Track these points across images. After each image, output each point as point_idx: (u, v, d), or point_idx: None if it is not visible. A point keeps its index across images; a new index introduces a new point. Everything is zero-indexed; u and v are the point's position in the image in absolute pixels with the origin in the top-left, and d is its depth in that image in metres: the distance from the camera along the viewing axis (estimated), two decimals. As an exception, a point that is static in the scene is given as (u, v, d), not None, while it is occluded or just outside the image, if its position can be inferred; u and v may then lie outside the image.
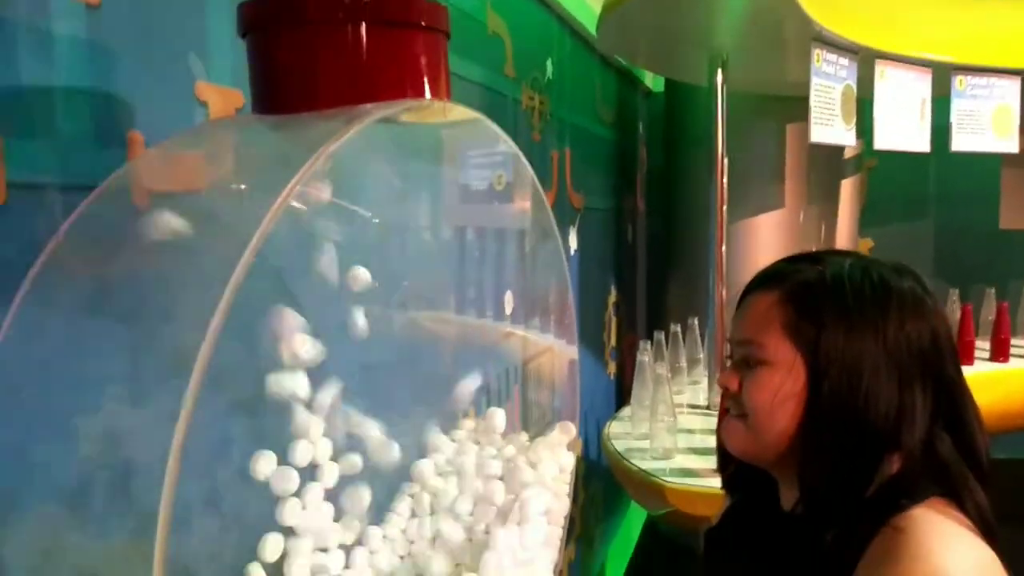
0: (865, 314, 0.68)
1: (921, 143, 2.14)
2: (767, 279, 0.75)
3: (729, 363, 0.77)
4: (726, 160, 1.98)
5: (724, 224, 1.93)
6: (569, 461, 1.12)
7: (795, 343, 0.70)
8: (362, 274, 0.80)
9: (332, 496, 0.88)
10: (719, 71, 1.87)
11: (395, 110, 0.61)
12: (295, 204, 0.75)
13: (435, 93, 0.70)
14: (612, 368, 2.92)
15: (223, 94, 0.87)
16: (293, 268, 0.78)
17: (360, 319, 0.86)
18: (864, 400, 0.67)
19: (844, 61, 1.89)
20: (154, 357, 0.54)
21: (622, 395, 2.92)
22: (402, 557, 1.00)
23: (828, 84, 1.84)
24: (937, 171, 3.30)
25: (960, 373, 0.71)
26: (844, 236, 2.83)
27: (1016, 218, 2.54)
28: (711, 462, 1.54)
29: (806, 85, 1.81)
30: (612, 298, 2.92)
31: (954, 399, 0.69)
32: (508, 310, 1.48)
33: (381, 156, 1.01)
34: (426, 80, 0.69)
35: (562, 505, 1.09)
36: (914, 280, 0.72)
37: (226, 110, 0.88)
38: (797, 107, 2.22)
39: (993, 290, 2.56)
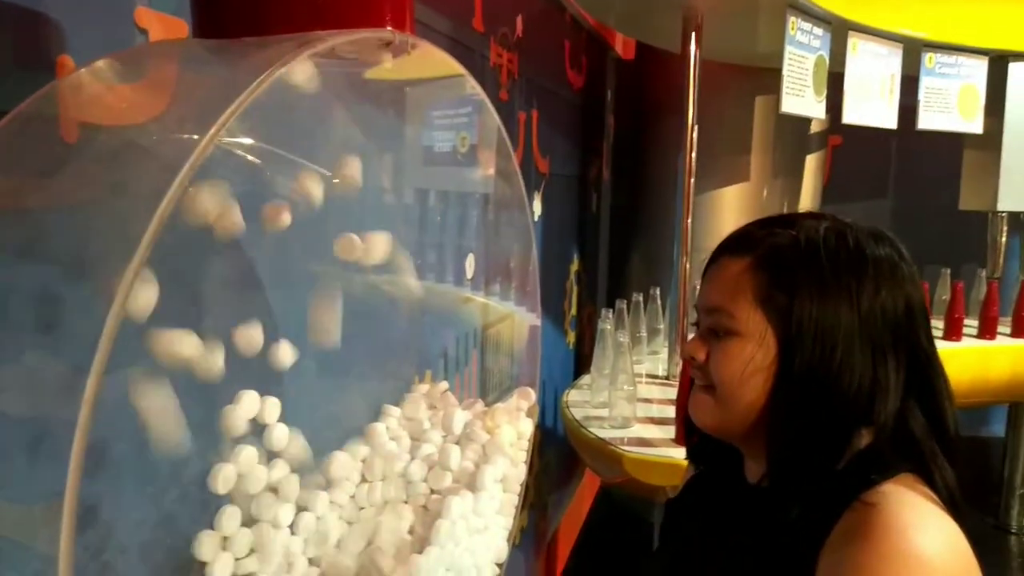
0: (840, 281, 0.65)
1: (889, 119, 2.13)
2: (738, 243, 0.71)
3: (695, 331, 0.73)
4: (696, 129, 1.94)
5: (691, 194, 1.90)
6: (527, 428, 1.09)
7: (766, 313, 0.66)
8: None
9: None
10: (692, 35, 1.83)
11: (352, 37, 0.55)
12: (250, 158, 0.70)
13: (398, 28, 0.65)
14: (571, 338, 2.91)
15: (165, 22, 0.80)
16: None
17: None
18: (837, 373, 0.64)
19: (818, 31, 1.86)
20: (67, 304, 0.49)
21: (580, 365, 2.91)
22: (350, 524, 0.96)
23: (801, 54, 1.81)
24: (899, 151, 3.34)
25: (932, 344, 0.68)
26: (804, 208, 2.84)
27: (974, 200, 2.57)
28: (669, 432, 1.54)
29: (779, 56, 1.78)
30: (574, 267, 2.89)
31: (926, 371, 0.67)
32: (469, 274, 1.44)
33: (343, 112, 0.95)
34: (389, 11, 0.63)
35: (518, 472, 1.06)
36: (890, 246, 0.68)
37: (168, 39, 0.81)
38: (767, 78, 2.20)
39: (948, 271, 2.60)
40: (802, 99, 1.85)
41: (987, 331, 2.41)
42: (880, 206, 3.48)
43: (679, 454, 1.37)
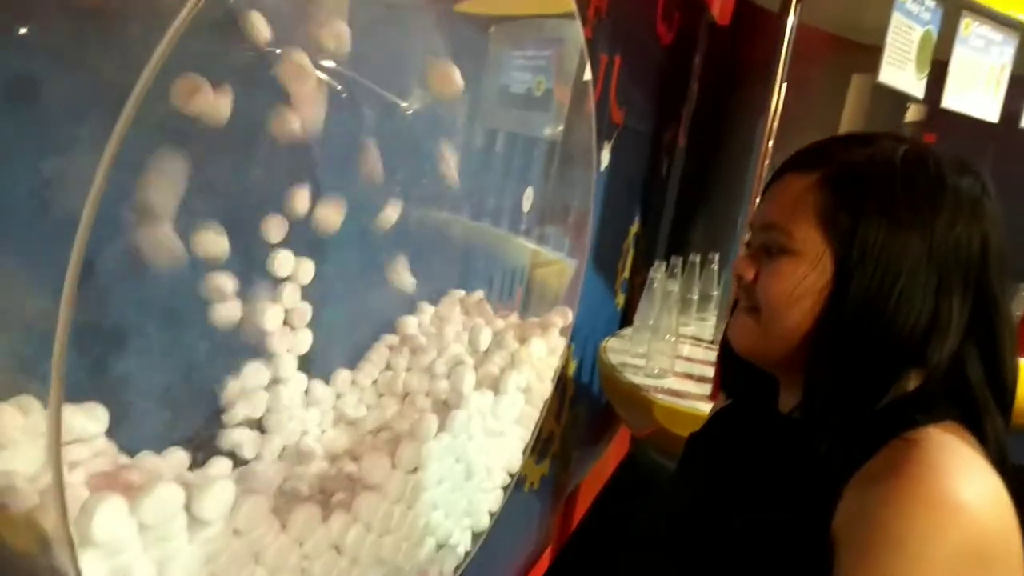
0: (913, 208, 0.60)
1: (991, 112, 2.00)
2: (807, 158, 0.66)
3: (747, 250, 0.69)
4: (782, 95, 1.86)
5: (766, 160, 1.82)
6: (560, 344, 1.07)
7: (827, 234, 0.62)
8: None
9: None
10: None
11: None
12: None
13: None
14: (620, 299, 2.86)
15: None
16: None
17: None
18: (895, 304, 0.59)
19: (930, 3, 1.74)
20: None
21: (626, 327, 2.86)
22: (368, 407, 0.96)
23: (909, 23, 1.71)
24: (996, 155, 3.14)
25: (1004, 290, 0.63)
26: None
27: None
28: (704, 389, 1.50)
29: (883, 31, 1.67)
30: (634, 228, 2.83)
31: (992, 317, 0.61)
32: (526, 207, 1.41)
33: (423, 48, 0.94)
34: None
35: (544, 387, 1.05)
36: (975, 178, 0.63)
37: None
38: (869, 56, 2.09)
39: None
40: (902, 72, 1.75)
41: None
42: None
43: (707, 407, 1.33)
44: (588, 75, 1.33)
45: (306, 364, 0.89)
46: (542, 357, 1.00)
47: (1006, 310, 0.62)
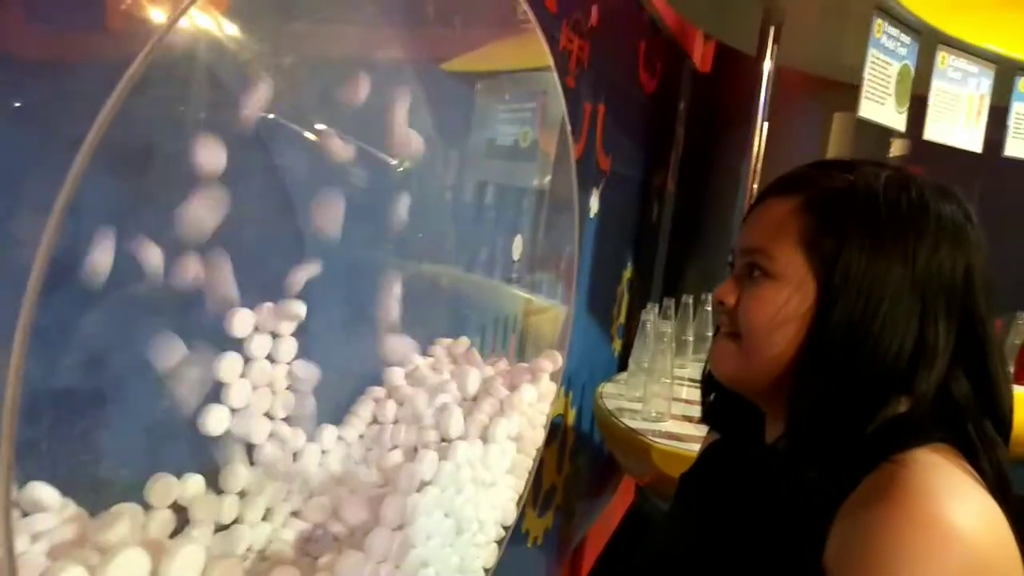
0: (896, 234, 0.59)
1: (973, 143, 2.02)
2: (789, 183, 0.66)
3: (728, 274, 0.68)
4: (763, 135, 1.87)
5: (752, 197, 1.82)
6: (551, 390, 1.05)
7: (810, 258, 0.61)
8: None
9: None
10: (771, 34, 1.77)
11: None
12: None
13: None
14: (617, 345, 2.84)
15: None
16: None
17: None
18: (879, 330, 0.58)
19: (906, 39, 1.77)
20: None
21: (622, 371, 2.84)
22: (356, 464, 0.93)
23: (886, 59, 1.73)
24: (983, 187, 3.17)
25: (991, 316, 0.61)
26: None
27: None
28: (702, 431, 1.47)
29: (860, 69, 1.69)
30: (627, 274, 2.83)
31: (980, 343, 0.60)
32: (516, 255, 1.41)
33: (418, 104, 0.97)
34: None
35: (536, 434, 1.02)
36: (957, 204, 0.62)
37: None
38: (849, 95, 2.12)
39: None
40: (882, 107, 1.76)
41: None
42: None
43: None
44: (567, 124, 1.35)
45: (291, 422, 0.87)
46: (533, 403, 0.98)
47: (994, 336, 0.61)
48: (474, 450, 0.86)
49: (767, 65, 1.82)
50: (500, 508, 0.94)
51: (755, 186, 1.92)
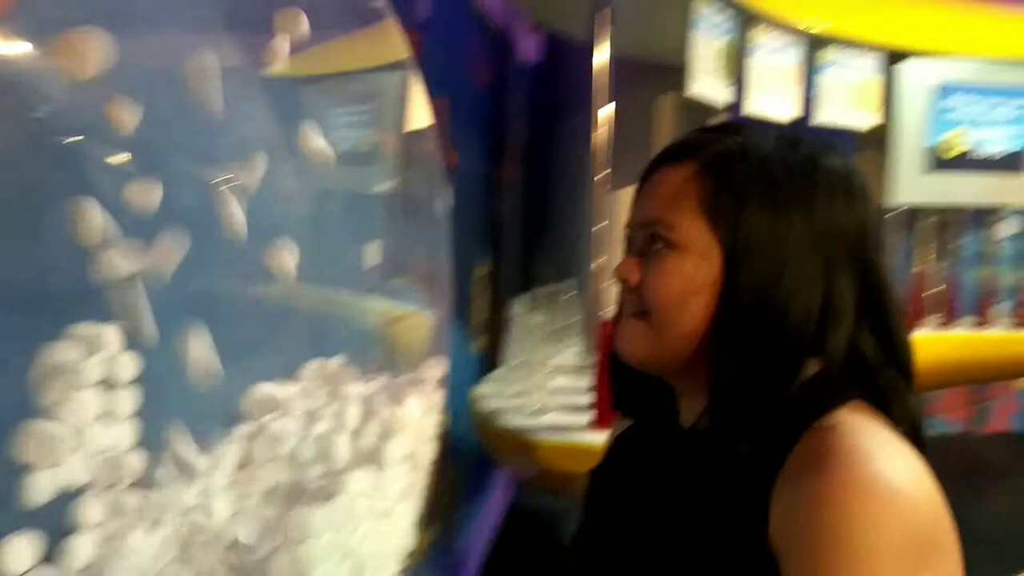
0: (794, 191, 0.58)
1: (792, 110, 2.16)
2: (679, 150, 0.63)
3: (630, 254, 0.64)
4: (600, 118, 1.88)
5: (601, 180, 1.84)
6: (437, 399, 0.98)
7: (712, 224, 0.59)
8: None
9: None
10: (601, 17, 1.78)
11: None
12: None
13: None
14: (478, 344, 2.80)
15: None
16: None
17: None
18: (789, 291, 0.57)
19: (724, 17, 1.86)
20: None
21: (488, 372, 2.81)
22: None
23: (709, 37, 1.80)
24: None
25: (885, 264, 0.62)
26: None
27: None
28: (586, 418, 1.46)
29: (682, 50, 1.75)
30: (480, 271, 2.80)
31: (880, 294, 0.60)
32: (371, 263, 1.33)
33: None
34: None
35: (428, 450, 0.95)
36: (843, 159, 0.63)
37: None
38: (672, 76, 2.21)
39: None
40: (709, 83, 1.84)
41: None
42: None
43: (597, 439, 1.29)
44: (421, 122, 1.30)
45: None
46: (421, 417, 0.91)
47: (893, 287, 0.61)
48: (366, 479, 0.78)
49: (601, 52, 1.84)
50: (400, 536, 0.86)
51: (598, 174, 1.92)
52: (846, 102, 2.32)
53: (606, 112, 1.79)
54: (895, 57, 2.44)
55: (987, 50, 2.50)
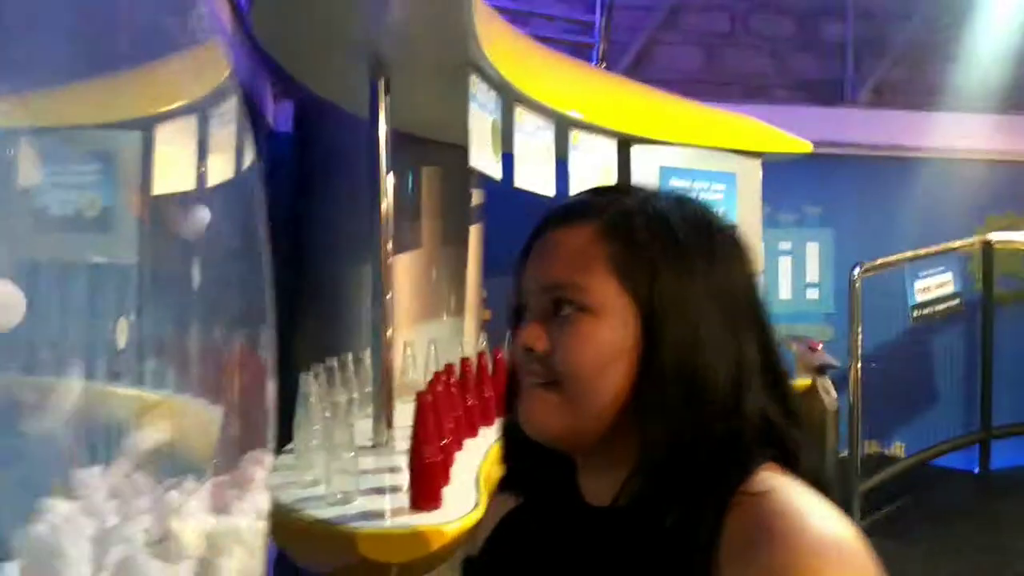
0: (696, 253, 0.59)
1: (550, 188, 2.30)
2: (574, 212, 0.62)
3: (529, 320, 0.61)
4: (389, 186, 1.84)
5: (388, 257, 1.79)
6: (264, 502, 0.85)
7: (623, 285, 0.58)
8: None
9: None
10: (381, 85, 1.77)
11: None
12: None
13: None
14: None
15: None
16: None
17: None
18: (707, 358, 0.57)
19: (492, 95, 1.95)
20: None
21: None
22: None
23: (483, 114, 1.87)
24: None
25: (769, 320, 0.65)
26: (472, 281, 2.94)
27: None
28: (395, 501, 1.37)
29: (445, 126, 1.77)
30: (236, 345, 2.55)
31: (773, 351, 0.62)
32: (121, 343, 1.14)
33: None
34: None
35: (257, 564, 0.81)
36: (727, 222, 0.65)
37: None
38: (428, 151, 2.26)
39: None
40: (486, 155, 1.90)
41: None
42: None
43: (420, 521, 1.21)
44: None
45: None
46: (250, 526, 0.78)
47: (774, 343, 0.64)
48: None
49: (382, 126, 1.81)
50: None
51: (389, 245, 1.85)
52: (594, 181, 2.54)
53: (390, 181, 1.76)
54: (627, 142, 2.75)
55: (696, 139, 2.92)
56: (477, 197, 2.95)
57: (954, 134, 4.20)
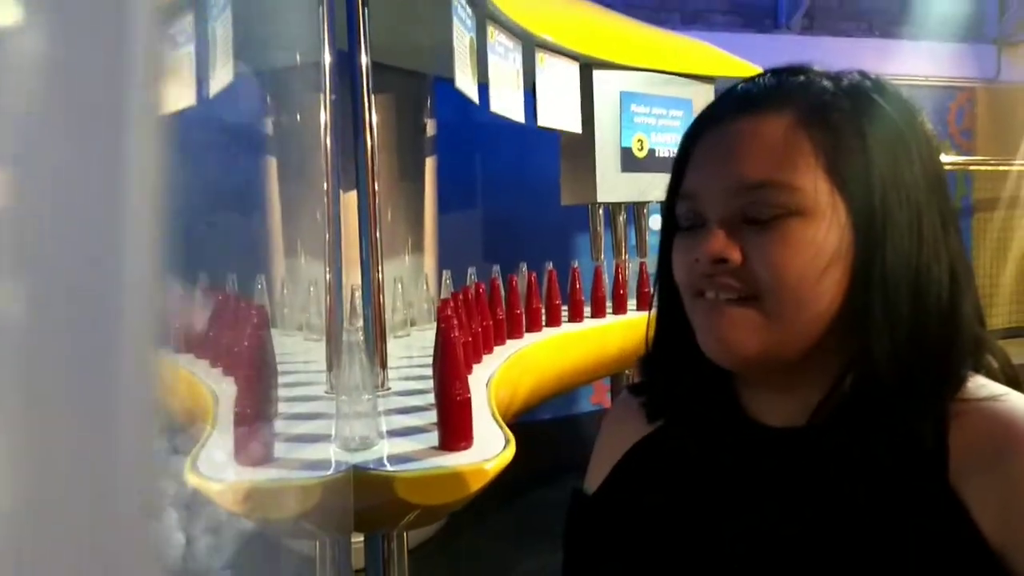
0: (903, 137, 0.51)
1: (519, 113, 2.20)
2: (761, 97, 0.53)
3: (714, 227, 0.52)
4: (373, 119, 1.69)
5: (375, 194, 1.65)
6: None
7: (834, 180, 0.50)
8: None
9: None
10: (361, 11, 1.60)
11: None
12: None
13: None
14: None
15: None
16: None
17: None
18: (927, 253, 0.50)
19: (469, 10, 1.82)
20: None
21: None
22: None
23: (462, 30, 1.74)
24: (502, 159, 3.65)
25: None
26: (429, 217, 2.82)
27: (572, 196, 2.87)
28: (423, 441, 1.28)
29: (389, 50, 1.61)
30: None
31: (959, 248, 0.54)
32: None
33: None
34: None
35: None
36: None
37: None
38: (384, 78, 2.13)
39: (525, 264, 2.54)
40: (466, 77, 1.78)
41: (598, 311, 2.65)
42: (474, 214, 3.77)
43: (458, 461, 1.14)
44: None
45: None
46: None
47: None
48: None
49: (363, 60, 1.64)
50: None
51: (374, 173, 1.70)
52: (559, 105, 2.45)
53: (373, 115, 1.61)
54: (588, 66, 2.66)
55: (655, 63, 2.86)
56: (431, 128, 2.81)
57: (882, 60, 4.31)
